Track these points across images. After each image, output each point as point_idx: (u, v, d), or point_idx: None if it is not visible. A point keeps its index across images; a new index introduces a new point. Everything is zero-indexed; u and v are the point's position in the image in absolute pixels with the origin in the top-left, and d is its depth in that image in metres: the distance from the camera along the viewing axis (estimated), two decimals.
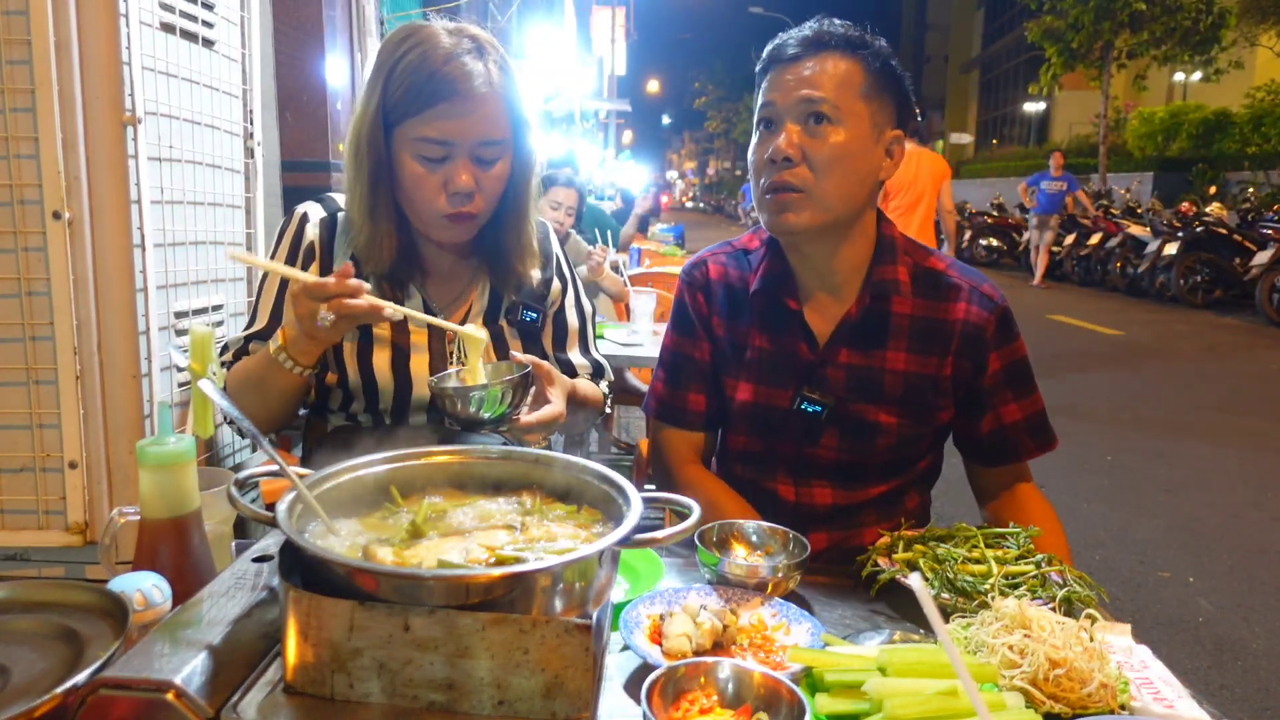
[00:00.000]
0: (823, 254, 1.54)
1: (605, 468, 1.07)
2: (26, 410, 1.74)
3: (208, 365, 1.22)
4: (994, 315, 1.54)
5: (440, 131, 1.43)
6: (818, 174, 1.45)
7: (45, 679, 0.82)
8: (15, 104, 1.65)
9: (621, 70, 23.42)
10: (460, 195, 1.47)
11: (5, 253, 1.69)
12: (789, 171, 1.46)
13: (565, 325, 1.79)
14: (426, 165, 1.46)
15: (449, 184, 1.46)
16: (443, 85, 1.42)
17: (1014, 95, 38.30)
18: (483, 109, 1.45)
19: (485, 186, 1.50)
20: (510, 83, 1.50)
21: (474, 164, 1.47)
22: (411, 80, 1.44)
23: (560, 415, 1.48)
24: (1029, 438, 1.60)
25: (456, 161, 1.46)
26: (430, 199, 1.48)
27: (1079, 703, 0.94)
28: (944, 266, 1.58)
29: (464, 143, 1.45)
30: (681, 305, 1.69)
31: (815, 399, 1.56)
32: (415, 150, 1.46)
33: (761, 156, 1.50)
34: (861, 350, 1.55)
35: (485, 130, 1.46)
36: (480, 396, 1.34)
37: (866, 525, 1.61)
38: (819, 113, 1.44)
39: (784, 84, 1.47)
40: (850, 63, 1.46)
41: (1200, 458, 5.35)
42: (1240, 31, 19.05)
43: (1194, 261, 11.58)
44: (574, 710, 0.82)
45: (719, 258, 1.69)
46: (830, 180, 1.45)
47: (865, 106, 1.46)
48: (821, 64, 1.46)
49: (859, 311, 1.54)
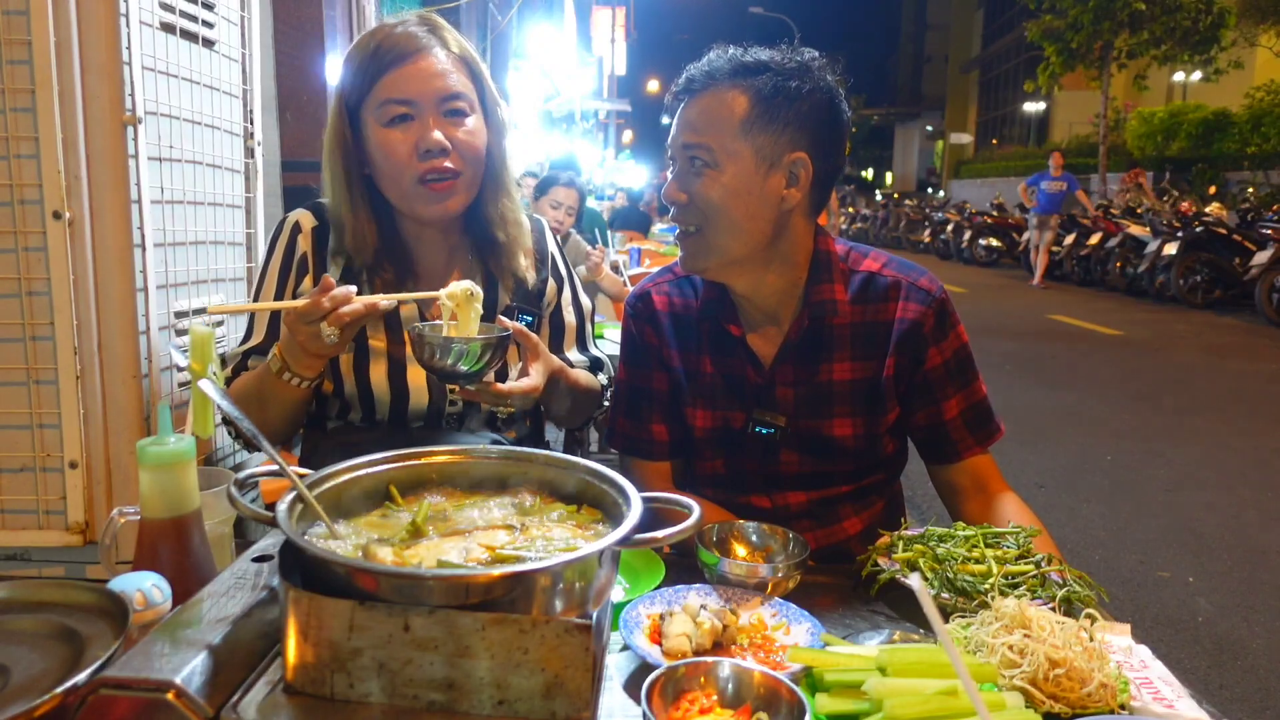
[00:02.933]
0: (746, 286, 1.54)
1: (605, 468, 1.07)
2: (26, 410, 1.74)
3: (208, 365, 1.22)
4: (931, 309, 1.53)
5: (399, 91, 1.45)
6: (701, 218, 1.46)
7: (45, 679, 0.82)
8: (15, 104, 1.65)
9: (621, 70, 23.44)
10: (434, 151, 1.46)
11: (5, 253, 1.69)
12: (681, 214, 1.49)
13: (562, 324, 1.79)
14: (395, 127, 1.47)
15: (420, 142, 1.46)
16: (389, 49, 1.46)
17: (1014, 95, 38.29)
18: (436, 63, 1.47)
19: (459, 142, 1.49)
20: (466, 51, 1.54)
21: (443, 119, 1.48)
22: (360, 58, 1.48)
23: (536, 389, 1.45)
24: (969, 431, 1.57)
25: (425, 118, 1.47)
26: (404, 163, 1.47)
27: (1079, 702, 0.94)
28: (879, 266, 1.58)
29: (425, 100, 1.46)
30: (631, 338, 1.68)
31: (767, 421, 1.56)
32: (380, 117, 1.47)
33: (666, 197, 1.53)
34: (807, 367, 1.55)
35: (444, 85, 1.48)
36: (459, 349, 1.32)
37: (845, 519, 1.62)
38: (695, 157, 1.45)
39: (676, 123, 1.49)
40: (735, 94, 1.42)
41: (1200, 458, 5.35)
42: (1240, 31, 19.05)
43: (1194, 261, 11.58)
44: (574, 710, 0.82)
45: (662, 287, 1.67)
46: (719, 223, 1.45)
47: (747, 143, 1.41)
48: (704, 103, 1.45)
49: (798, 334, 1.54)
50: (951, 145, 41.34)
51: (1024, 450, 5.32)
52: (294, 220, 1.62)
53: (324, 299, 1.27)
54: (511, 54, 10.48)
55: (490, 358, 1.35)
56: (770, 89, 1.42)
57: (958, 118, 47.12)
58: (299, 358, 1.37)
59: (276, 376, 1.40)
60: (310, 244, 1.59)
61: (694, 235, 1.48)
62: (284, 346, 1.40)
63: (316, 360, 1.38)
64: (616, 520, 0.96)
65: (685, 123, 1.47)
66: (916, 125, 55.78)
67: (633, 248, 7.10)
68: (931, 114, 55.07)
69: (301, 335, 1.31)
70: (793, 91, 1.42)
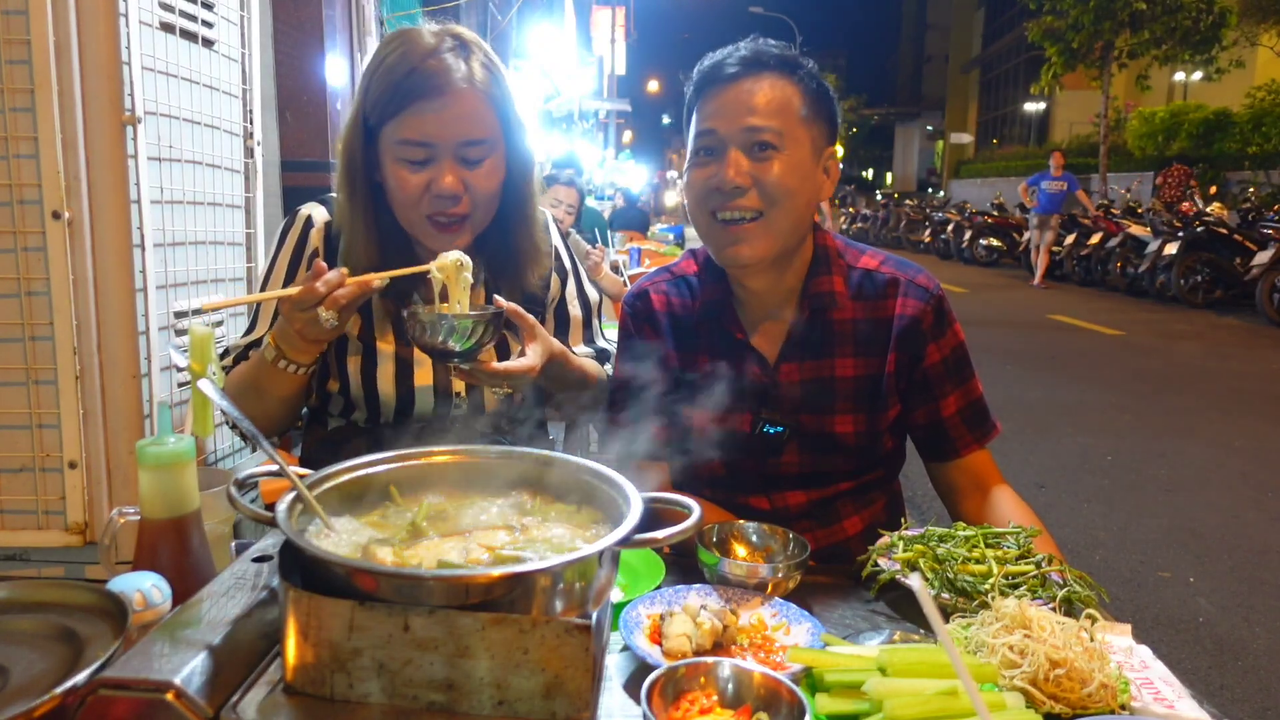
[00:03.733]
0: (767, 280, 1.54)
1: (605, 468, 1.07)
2: (26, 410, 1.74)
3: (208, 365, 1.22)
4: (930, 305, 1.54)
5: (419, 132, 1.40)
6: (768, 203, 1.44)
7: (45, 679, 0.82)
8: (15, 104, 1.65)
9: (621, 70, 23.44)
10: (445, 198, 1.43)
11: (5, 253, 1.69)
12: (740, 200, 1.44)
13: (566, 317, 1.77)
14: (410, 169, 1.43)
15: (433, 186, 1.43)
16: (419, 82, 1.39)
17: (1014, 95, 38.32)
18: (462, 105, 1.41)
19: (474, 187, 1.46)
20: (496, 81, 1.46)
21: (459, 164, 1.44)
22: (389, 80, 1.42)
23: (531, 370, 1.43)
24: (967, 429, 1.58)
25: (440, 163, 1.43)
26: (414, 203, 1.45)
27: (1079, 703, 0.94)
28: (877, 264, 1.59)
29: (445, 143, 1.41)
30: (629, 337, 1.66)
31: (775, 419, 1.56)
32: (397, 154, 1.43)
33: (705, 185, 1.46)
34: (811, 362, 1.55)
35: (467, 129, 1.42)
36: (450, 325, 1.32)
37: (845, 518, 1.62)
38: (764, 141, 1.43)
39: (725, 109, 1.45)
40: (789, 85, 1.45)
41: (1200, 458, 5.35)
42: (1240, 31, 19.04)
43: (1194, 261, 11.57)
44: (574, 710, 0.82)
45: (660, 286, 1.66)
46: (780, 209, 1.44)
47: (805, 132, 1.45)
48: (761, 87, 1.44)
49: (799, 326, 1.54)
50: (952, 145, 41.34)
51: (1024, 450, 5.32)
52: (306, 214, 1.60)
53: (318, 284, 1.27)
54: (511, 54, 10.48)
55: (483, 334, 1.34)
56: (814, 85, 1.48)
57: (958, 118, 47.12)
58: (295, 344, 1.37)
59: (272, 365, 1.40)
60: (322, 240, 1.58)
61: (754, 222, 1.44)
62: (279, 335, 1.39)
63: (313, 346, 1.38)
64: (616, 520, 0.96)
65: (743, 105, 1.43)
66: (916, 125, 55.79)
67: (633, 248, 7.10)
68: (931, 114, 55.09)
69: (298, 323, 1.31)
70: (823, 90, 1.49)
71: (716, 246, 1.50)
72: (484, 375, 1.39)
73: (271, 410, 1.49)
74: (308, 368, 1.42)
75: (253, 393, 1.46)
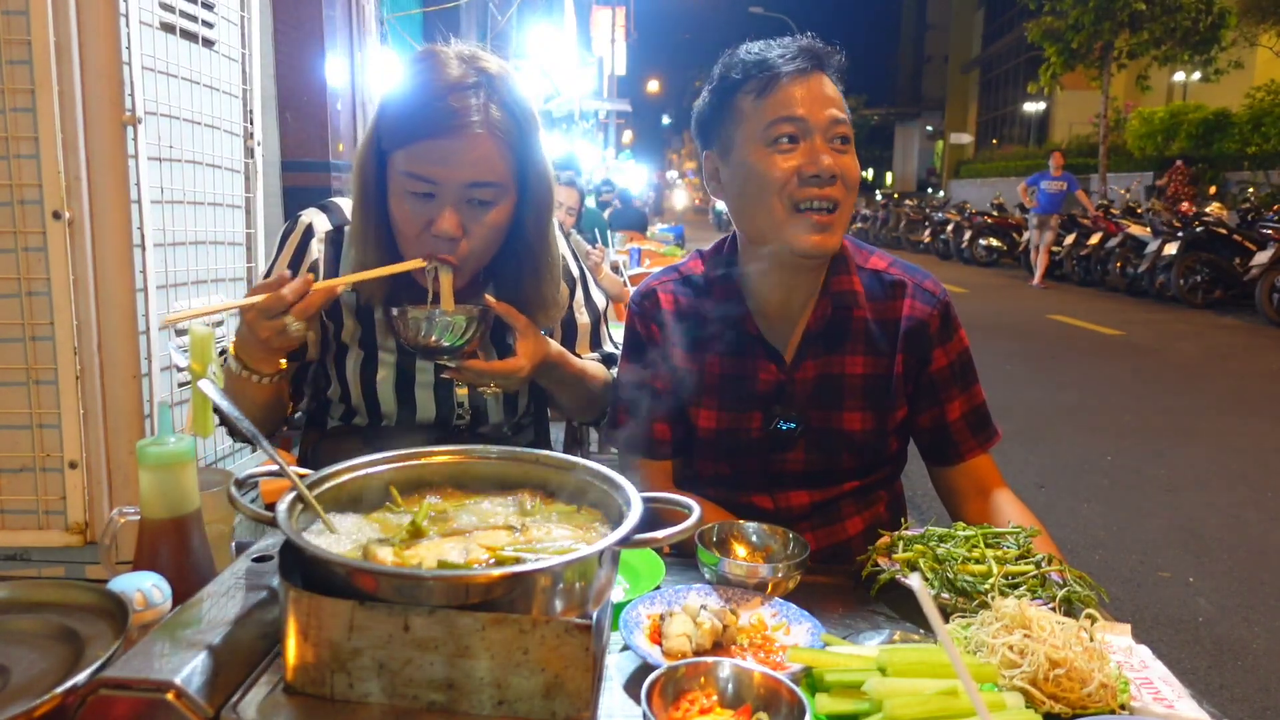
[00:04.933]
0: (809, 275, 1.54)
1: (605, 468, 1.07)
2: (26, 410, 1.74)
3: (208, 365, 1.22)
4: (937, 310, 1.56)
5: (425, 169, 1.35)
6: (846, 195, 1.45)
7: (45, 679, 0.82)
8: (15, 104, 1.65)
9: (621, 70, 23.44)
10: (442, 240, 1.38)
11: (5, 253, 1.69)
12: (831, 189, 1.42)
13: (574, 326, 1.75)
14: (412, 202, 1.38)
15: (432, 225, 1.38)
16: (432, 119, 1.33)
17: (1014, 95, 38.30)
18: (475, 149, 1.35)
19: (475, 233, 1.40)
20: (516, 124, 1.39)
21: (464, 206, 1.38)
22: (405, 107, 1.37)
23: (520, 370, 1.41)
24: (970, 433, 1.59)
25: (442, 203, 1.37)
26: (412, 238, 1.40)
27: (1079, 703, 0.94)
28: (886, 265, 1.60)
29: (450, 183, 1.36)
30: (635, 336, 1.65)
31: (790, 415, 1.56)
32: (402, 185, 1.38)
33: (789, 170, 1.43)
34: (824, 358, 1.56)
35: (476, 172, 1.36)
36: (442, 323, 1.31)
37: (847, 518, 1.62)
38: (844, 134, 1.45)
39: (810, 99, 1.44)
40: (831, 82, 1.48)
41: (1200, 458, 5.35)
42: (1240, 31, 19.04)
43: (1194, 261, 11.57)
44: (574, 710, 0.82)
45: (667, 286, 1.65)
46: (850, 203, 1.47)
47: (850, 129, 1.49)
48: (827, 82, 1.47)
49: (821, 322, 1.54)
50: (951, 145, 41.33)
51: (1024, 450, 5.32)
52: (307, 222, 1.56)
53: (284, 290, 1.25)
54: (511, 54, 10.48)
55: (473, 333, 1.34)
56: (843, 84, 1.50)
57: (958, 118, 47.11)
58: (256, 355, 1.34)
59: (238, 376, 1.37)
60: (323, 252, 1.54)
61: (835, 212, 1.45)
62: (240, 346, 1.36)
63: (276, 355, 1.35)
64: (616, 520, 0.96)
65: (825, 97, 1.45)
66: (916, 125, 55.78)
67: (633, 248, 7.10)
68: (931, 114, 55.06)
69: (265, 331, 1.28)
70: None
71: (794, 234, 1.44)
72: (471, 373, 1.39)
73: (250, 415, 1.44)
74: (273, 377, 1.39)
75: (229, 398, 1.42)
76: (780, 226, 1.45)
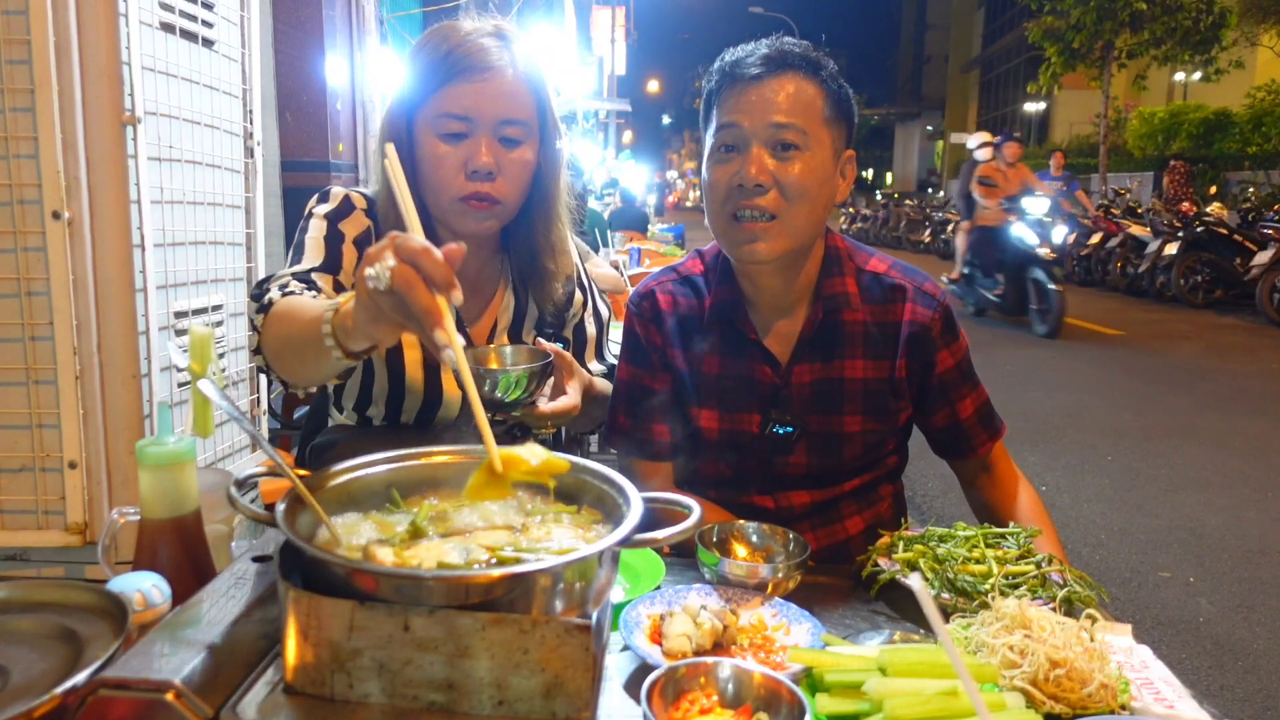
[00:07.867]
0: (780, 280, 1.53)
1: (605, 468, 1.07)
2: (26, 410, 1.74)
3: (208, 365, 1.22)
4: (938, 314, 1.56)
5: (460, 106, 1.42)
6: (786, 203, 1.42)
7: (45, 679, 0.82)
8: (15, 104, 1.65)
9: (621, 70, 23.42)
10: (480, 174, 1.43)
11: (5, 253, 1.69)
12: (760, 198, 1.42)
13: (584, 336, 1.78)
14: (448, 142, 1.43)
15: (469, 161, 1.43)
16: (461, 59, 1.42)
17: (1014, 95, 38.30)
18: (503, 84, 1.43)
19: (507, 170, 1.46)
20: (534, 69, 1.48)
21: (496, 143, 1.45)
22: (430, 60, 1.44)
23: (576, 408, 1.46)
24: (981, 428, 1.63)
25: (478, 138, 1.43)
26: (449, 179, 1.44)
27: (1079, 703, 0.94)
28: (885, 268, 1.59)
29: (484, 119, 1.42)
30: (634, 337, 1.65)
31: (786, 420, 1.56)
32: (436, 128, 1.43)
33: (725, 181, 1.45)
34: (821, 363, 1.56)
35: (506, 107, 1.43)
36: (507, 380, 1.33)
37: (847, 518, 1.63)
38: (786, 140, 1.42)
39: (749, 105, 1.43)
40: (813, 86, 1.44)
41: (1200, 458, 5.35)
42: (1240, 31, 19.05)
43: (1194, 261, 11.56)
44: (574, 710, 0.82)
45: (666, 286, 1.65)
46: (799, 208, 1.43)
47: (827, 133, 1.45)
48: (785, 86, 1.43)
49: (812, 326, 1.54)
50: (951, 145, 41.32)
51: (1024, 450, 5.32)
52: (344, 194, 1.55)
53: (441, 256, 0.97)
54: None
55: (536, 385, 1.37)
56: (836, 87, 1.47)
57: (958, 118, 47.10)
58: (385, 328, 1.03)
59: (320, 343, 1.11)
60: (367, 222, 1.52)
61: (771, 221, 1.43)
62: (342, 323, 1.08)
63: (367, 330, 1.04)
64: (616, 520, 0.96)
65: (768, 102, 1.42)
66: (916, 125, 55.79)
67: (633, 248, 7.09)
68: (931, 114, 55.07)
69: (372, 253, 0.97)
70: (844, 93, 1.49)
71: (731, 243, 1.48)
72: (533, 419, 1.42)
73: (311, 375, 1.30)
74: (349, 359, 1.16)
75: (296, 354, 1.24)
76: (723, 235, 1.50)
